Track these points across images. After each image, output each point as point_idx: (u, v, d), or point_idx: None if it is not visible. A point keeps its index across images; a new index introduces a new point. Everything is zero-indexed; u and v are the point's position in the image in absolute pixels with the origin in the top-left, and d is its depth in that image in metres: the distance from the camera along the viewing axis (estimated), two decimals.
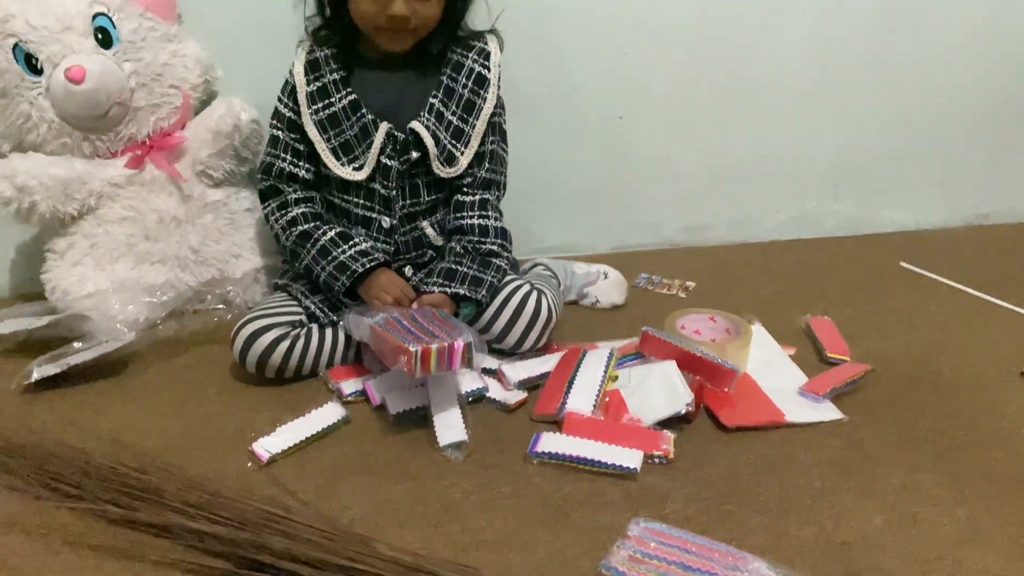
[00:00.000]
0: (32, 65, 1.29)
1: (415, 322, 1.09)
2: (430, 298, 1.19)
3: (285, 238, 1.26)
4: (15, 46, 1.28)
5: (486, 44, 1.26)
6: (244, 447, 1.03)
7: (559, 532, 0.89)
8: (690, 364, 1.13)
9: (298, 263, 1.26)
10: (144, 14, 1.34)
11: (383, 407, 1.11)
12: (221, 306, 1.41)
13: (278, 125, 1.27)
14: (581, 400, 1.10)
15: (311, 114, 1.22)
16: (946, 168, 1.87)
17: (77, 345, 1.23)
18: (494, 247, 1.26)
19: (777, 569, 0.79)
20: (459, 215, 1.27)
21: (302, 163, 1.27)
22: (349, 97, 1.22)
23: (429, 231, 1.29)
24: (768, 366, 1.22)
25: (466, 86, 1.24)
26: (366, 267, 1.20)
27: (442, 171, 1.24)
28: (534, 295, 1.23)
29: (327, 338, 1.22)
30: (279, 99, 1.27)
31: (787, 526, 0.89)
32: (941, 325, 1.40)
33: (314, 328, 1.22)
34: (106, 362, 1.23)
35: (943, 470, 0.99)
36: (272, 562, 0.80)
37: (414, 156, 1.22)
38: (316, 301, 1.25)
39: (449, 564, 0.81)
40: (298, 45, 1.25)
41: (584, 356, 1.19)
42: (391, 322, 1.09)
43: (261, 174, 1.30)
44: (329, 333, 1.22)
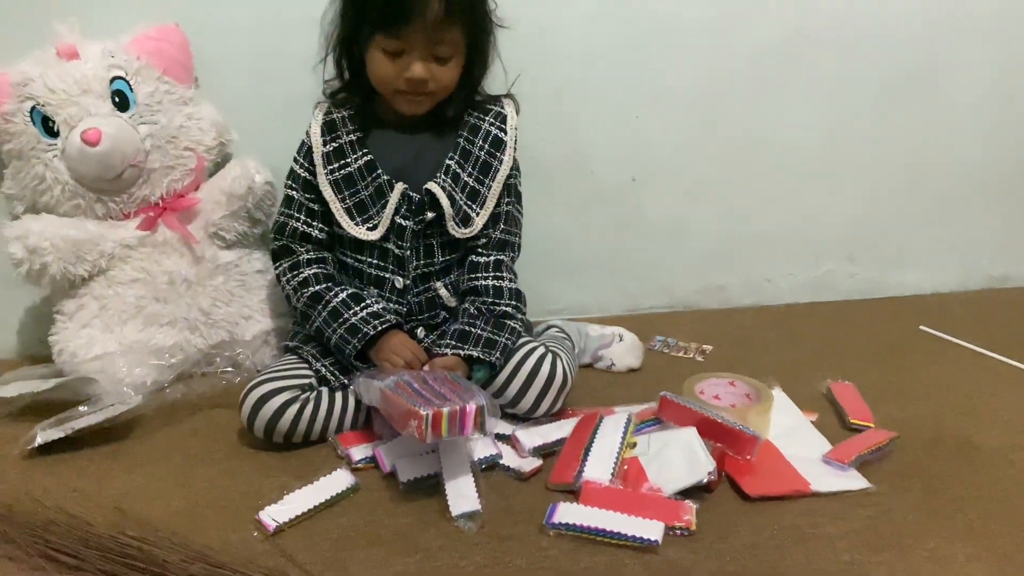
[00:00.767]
0: (49, 128, 1.30)
1: (426, 385, 1.07)
2: (442, 360, 1.17)
3: (296, 299, 1.25)
4: (32, 109, 1.29)
5: (503, 108, 1.26)
6: (250, 515, 1.00)
7: None
8: (710, 431, 1.10)
9: (309, 325, 1.24)
10: (161, 77, 1.35)
11: (393, 474, 1.08)
12: (230, 369, 1.38)
13: (293, 185, 1.27)
14: (599, 468, 1.06)
15: (327, 174, 1.22)
16: (962, 232, 1.86)
17: (83, 409, 1.21)
18: (508, 308, 1.24)
19: None
20: (473, 276, 1.26)
21: (315, 223, 1.26)
22: (365, 158, 1.22)
23: (442, 292, 1.27)
24: (790, 433, 1.19)
25: (483, 148, 1.24)
26: (377, 329, 1.18)
27: (457, 232, 1.23)
28: (549, 358, 1.20)
29: (337, 402, 1.19)
30: (295, 159, 1.27)
31: None
32: (966, 390, 1.36)
33: (324, 392, 1.19)
34: (112, 427, 1.20)
35: (977, 543, 0.95)
36: None
37: (429, 216, 1.22)
38: (327, 364, 1.23)
39: None
40: (315, 107, 1.26)
41: (601, 422, 1.16)
42: (402, 385, 1.07)
43: (274, 234, 1.29)
44: (339, 397, 1.20)
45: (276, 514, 0.99)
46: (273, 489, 1.05)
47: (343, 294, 1.22)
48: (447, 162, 1.23)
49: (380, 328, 1.18)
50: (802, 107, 1.69)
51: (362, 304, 1.21)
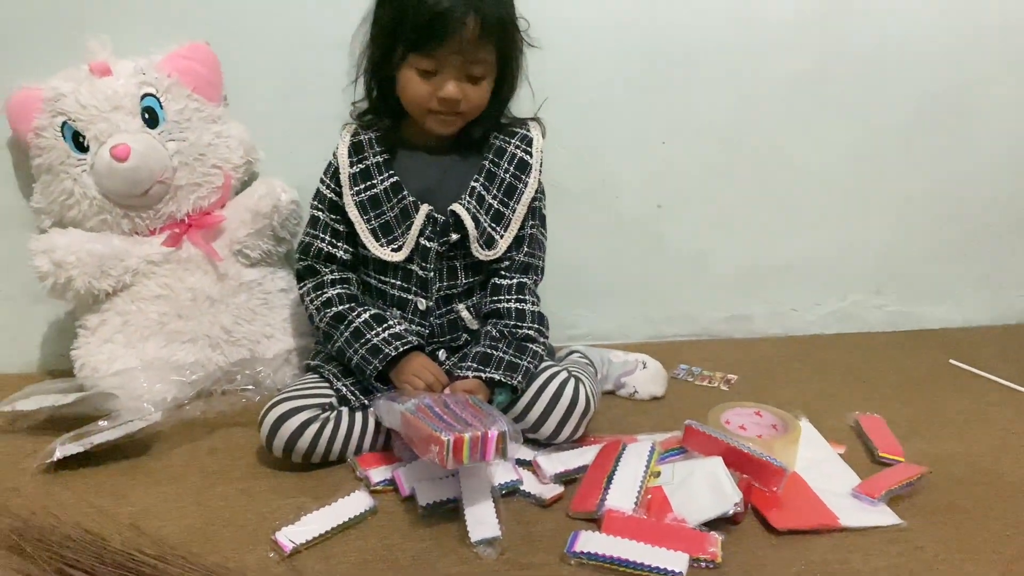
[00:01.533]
0: (79, 143, 1.31)
1: (448, 409, 1.05)
2: (464, 383, 1.16)
3: (319, 319, 1.24)
4: (63, 124, 1.31)
5: (529, 130, 1.26)
6: (267, 536, 0.99)
7: None
8: (736, 461, 1.08)
9: (331, 345, 1.23)
10: (191, 95, 1.36)
11: (412, 497, 1.07)
12: (250, 387, 1.37)
13: (319, 206, 1.27)
14: (622, 497, 1.04)
15: (352, 195, 1.22)
16: (993, 265, 1.82)
17: (102, 424, 1.20)
18: (531, 332, 1.23)
19: None
20: (496, 298, 1.25)
21: (341, 243, 1.26)
22: (391, 179, 1.22)
23: (465, 314, 1.26)
24: (817, 465, 1.16)
25: (508, 171, 1.23)
26: (399, 350, 1.17)
27: (481, 254, 1.22)
28: (572, 383, 1.19)
29: (357, 423, 1.18)
30: (321, 180, 1.27)
31: None
32: (999, 426, 1.33)
33: (344, 412, 1.18)
34: (130, 442, 1.20)
35: None
36: None
37: (453, 238, 1.21)
38: (348, 384, 1.22)
39: None
40: (343, 128, 1.27)
41: (624, 450, 1.14)
42: (423, 409, 1.06)
43: (299, 254, 1.29)
44: (359, 417, 1.19)
45: (293, 535, 0.98)
46: (290, 510, 1.04)
47: (366, 314, 1.21)
48: (472, 184, 1.23)
49: (402, 349, 1.18)
50: (830, 136, 1.67)
51: (384, 325, 1.20)
